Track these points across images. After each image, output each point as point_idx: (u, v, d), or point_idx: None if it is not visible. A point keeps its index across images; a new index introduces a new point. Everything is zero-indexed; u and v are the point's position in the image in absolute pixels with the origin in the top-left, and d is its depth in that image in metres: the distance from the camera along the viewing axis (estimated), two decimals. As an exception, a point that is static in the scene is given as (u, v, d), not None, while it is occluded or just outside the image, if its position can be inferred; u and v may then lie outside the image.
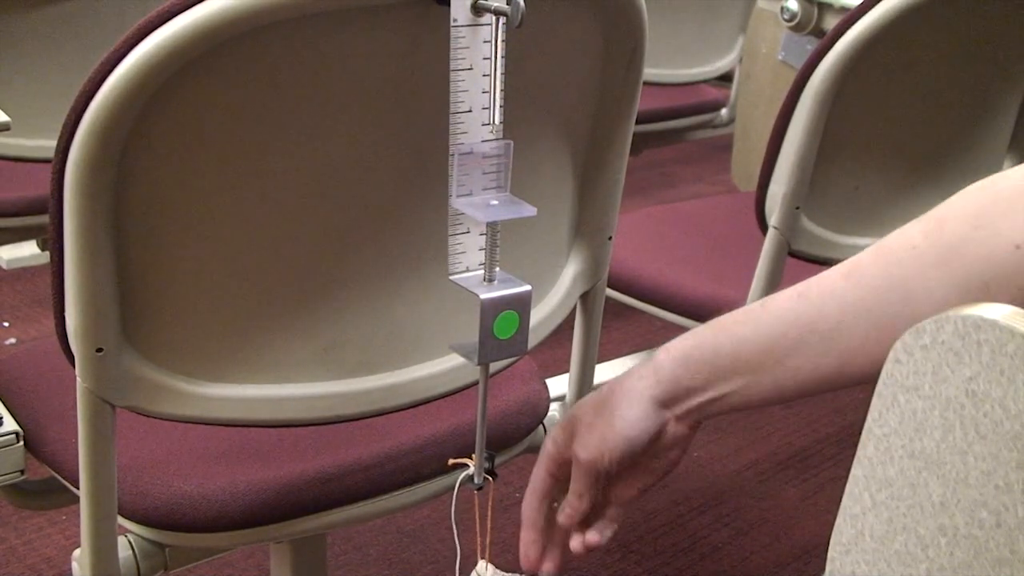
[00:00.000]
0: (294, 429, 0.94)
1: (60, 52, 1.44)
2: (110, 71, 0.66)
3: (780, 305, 0.78)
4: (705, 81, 2.28)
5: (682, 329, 1.40)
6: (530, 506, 0.85)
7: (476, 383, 0.82)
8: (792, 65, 1.76)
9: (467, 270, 0.76)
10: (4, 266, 2.20)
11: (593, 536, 0.85)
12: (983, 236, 0.70)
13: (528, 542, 0.85)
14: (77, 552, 0.85)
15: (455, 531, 0.84)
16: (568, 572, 1.52)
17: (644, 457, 0.82)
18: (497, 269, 0.76)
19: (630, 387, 0.82)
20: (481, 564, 0.87)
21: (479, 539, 0.87)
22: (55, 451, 0.94)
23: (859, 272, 0.76)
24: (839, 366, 0.76)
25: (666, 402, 0.81)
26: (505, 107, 0.73)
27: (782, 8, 1.69)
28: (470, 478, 0.85)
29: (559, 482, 0.85)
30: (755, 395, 0.80)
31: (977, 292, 0.70)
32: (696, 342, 0.80)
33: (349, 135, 0.75)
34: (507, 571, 0.89)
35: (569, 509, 0.83)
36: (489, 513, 0.86)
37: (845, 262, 0.78)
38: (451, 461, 0.85)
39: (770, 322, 0.78)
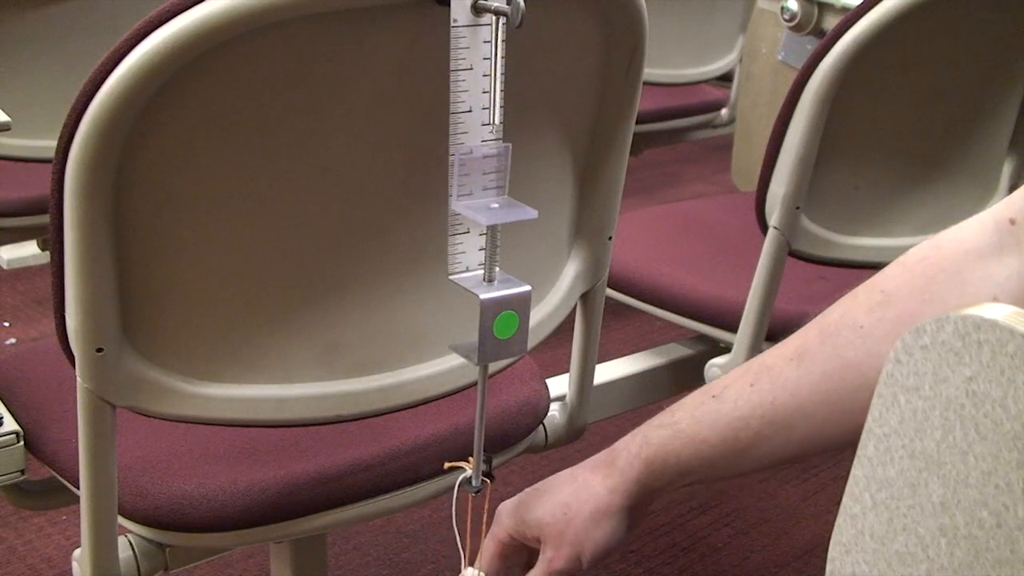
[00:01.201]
0: (294, 429, 0.94)
1: (60, 52, 1.44)
2: (110, 71, 0.66)
3: (734, 396, 0.79)
4: (705, 81, 2.28)
5: (682, 329, 1.41)
6: None
7: (476, 383, 0.82)
8: (792, 65, 1.75)
9: (467, 270, 0.76)
10: (4, 266, 2.20)
11: None
12: (931, 311, 0.71)
13: None
14: (77, 552, 0.85)
15: (456, 533, 0.83)
16: (568, 572, 1.52)
17: None
18: (497, 269, 0.76)
19: (599, 500, 0.83)
20: (470, 571, 0.87)
21: (468, 544, 0.86)
22: (55, 451, 0.94)
23: (808, 357, 0.77)
24: (800, 451, 0.78)
25: (635, 506, 0.83)
26: (505, 107, 0.73)
27: (782, 8, 1.69)
28: (469, 480, 0.85)
29: (508, 560, 0.87)
30: (718, 481, 0.83)
31: None
32: (656, 449, 0.81)
33: (349, 135, 0.75)
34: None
35: None
36: (484, 519, 0.86)
37: (792, 340, 0.79)
38: (447, 464, 0.85)
39: (726, 421, 0.79)
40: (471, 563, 0.87)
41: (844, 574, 0.53)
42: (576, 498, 0.83)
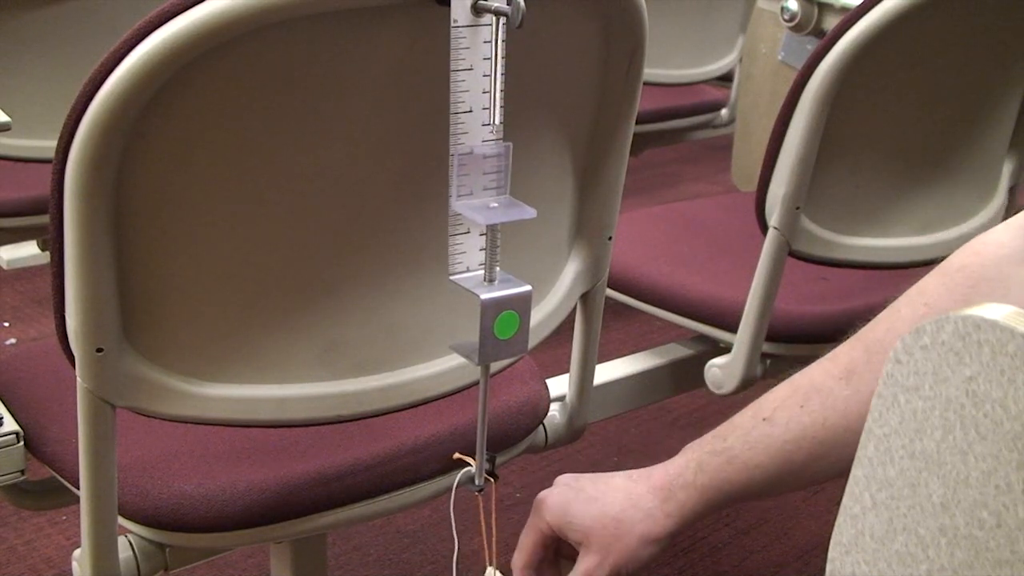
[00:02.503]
0: (294, 429, 0.94)
1: (60, 52, 1.44)
2: (110, 71, 0.66)
3: (785, 419, 0.80)
4: (705, 81, 2.28)
5: (682, 329, 1.41)
6: None
7: (476, 383, 0.82)
8: (792, 65, 1.75)
9: (467, 270, 0.76)
10: (4, 266, 2.20)
11: None
12: None
13: None
14: (77, 552, 0.85)
15: (454, 528, 0.84)
16: (568, 572, 1.52)
17: None
18: (497, 269, 0.76)
19: (655, 524, 0.83)
20: (490, 571, 0.87)
21: (486, 544, 0.86)
22: (55, 451, 0.94)
23: (857, 376, 0.77)
24: (850, 467, 0.78)
25: (683, 529, 0.84)
26: (505, 107, 0.73)
27: (782, 8, 1.69)
28: (470, 478, 0.85)
29: (547, 550, 0.87)
30: (768, 497, 0.84)
31: None
32: (711, 478, 0.82)
33: (349, 135, 0.75)
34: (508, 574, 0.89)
35: None
36: (493, 517, 0.86)
37: (838, 357, 0.80)
38: (456, 455, 0.85)
39: (779, 444, 0.80)
40: (488, 562, 0.87)
41: (844, 574, 0.53)
42: (629, 517, 0.83)
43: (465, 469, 0.85)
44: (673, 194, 3.11)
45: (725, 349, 1.32)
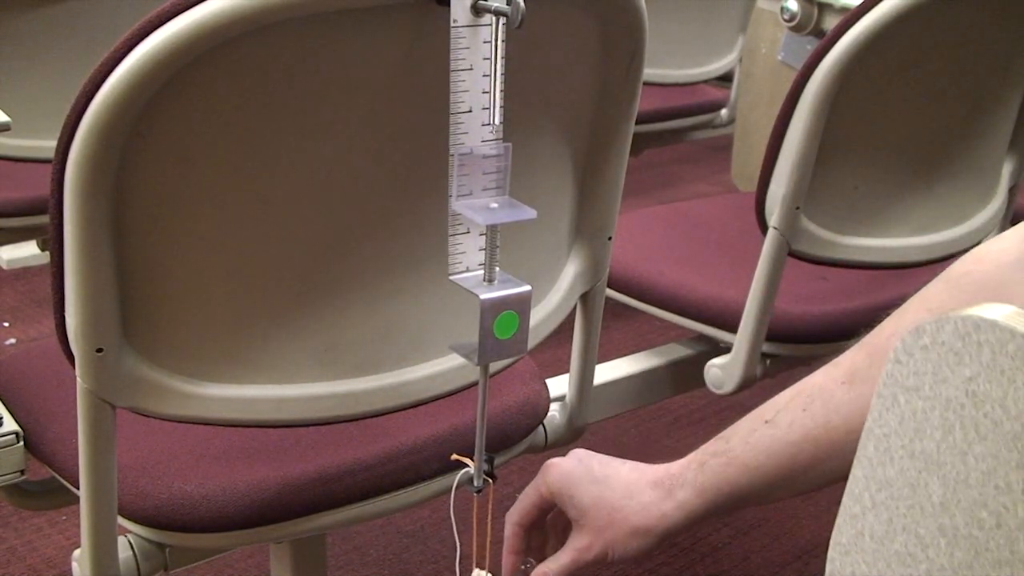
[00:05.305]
0: (294, 429, 0.94)
1: (60, 52, 1.44)
2: (110, 71, 0.66)
3: (787, 421, 0.80)
4: (705, 81, 2.28)
5: (682, 329, 1.41)
6: (515, 535, 0.89)
7: (476, 383, 0.82)
8: (792, 65, 1.75)
9: (467, 270, 0.76)
10: (4, 266, 2.20)
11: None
12: None
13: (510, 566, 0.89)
14: (77, 552, 0.85)
15: (455, 528, 0.83)
16: (568, 572, 1.52)
17: None
18: (497, 269, 0.76)
19: (648, 518, 0.83)
20: (478, 573, 0.87)
21: (476, 545, 0.86)
22: (55, 451, 0.94)
23: (859, 379, 0.77)
24: (849, 471, 0.78)
25: (680, 531, 0.84)
26: (505, 107, 0.73)
27: (782, 8, 1.69)
28: (469, 479, 0.85)
29: (542, 514, 0.88)
30: (769, 503, 0.84)
31: None
32: (711, 478, 0.82)
33: (349, 135, 0.75)
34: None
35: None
36: (489, 518, 0.86)
37: (842, 362, 0.80)
38: (454, 456, 0.85)
39: (781, 446, 0.80)
40: (478, 564, 0.87)
41: (844, 574, 0.53)
42: (626, 507, 0.84)
43: (464, 469, 0.85)
44: (673, 194, 3.11)
45: (725, 349, 1.32)
